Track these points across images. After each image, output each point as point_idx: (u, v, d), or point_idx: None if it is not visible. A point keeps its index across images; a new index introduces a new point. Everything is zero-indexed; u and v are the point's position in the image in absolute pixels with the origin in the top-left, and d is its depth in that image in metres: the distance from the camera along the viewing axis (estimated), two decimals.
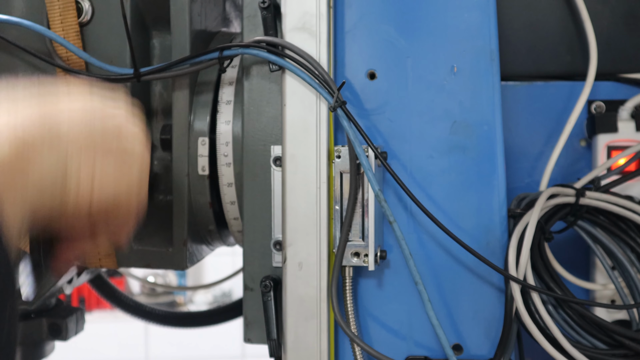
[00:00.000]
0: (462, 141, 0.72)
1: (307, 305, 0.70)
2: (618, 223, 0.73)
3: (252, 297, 0.77)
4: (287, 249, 0.70)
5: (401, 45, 0.73)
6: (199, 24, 0.81)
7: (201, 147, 0.79)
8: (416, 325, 0.72)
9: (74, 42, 0.76)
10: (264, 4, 0.68)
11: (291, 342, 0.71)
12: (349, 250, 0.69)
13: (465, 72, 0.72)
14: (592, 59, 0.79)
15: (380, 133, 0.73)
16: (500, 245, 0.71)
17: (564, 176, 0.82)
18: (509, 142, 0.80)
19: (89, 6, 0.77)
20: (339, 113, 0.66)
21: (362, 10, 0.73)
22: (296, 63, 0.69)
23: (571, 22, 0.83)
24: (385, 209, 0.66)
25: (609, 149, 0.79)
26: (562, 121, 0.80)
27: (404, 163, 0.72)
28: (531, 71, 0.83)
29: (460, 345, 0.72)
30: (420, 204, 0.66)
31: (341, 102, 0.66)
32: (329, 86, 0.67)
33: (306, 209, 0.70)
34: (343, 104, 0.66)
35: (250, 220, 0.76)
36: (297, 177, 0.70)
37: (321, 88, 0.67)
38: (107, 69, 0.75)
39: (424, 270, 0.72)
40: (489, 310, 0.71)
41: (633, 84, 0.81)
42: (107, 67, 0.75)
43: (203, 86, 0.81)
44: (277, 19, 0.71)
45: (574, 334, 0.69)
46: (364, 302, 0.73)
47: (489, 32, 0.72)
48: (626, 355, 0.67)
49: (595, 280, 0.80)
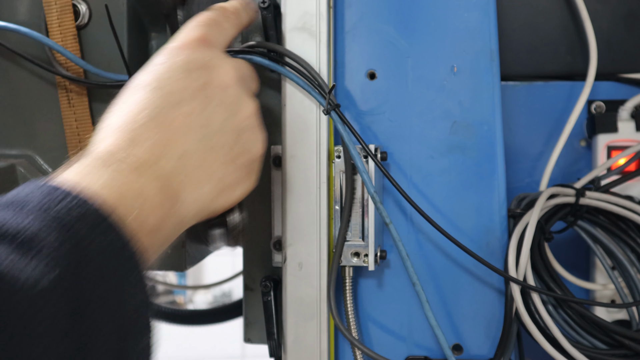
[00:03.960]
0: (462, 141, 0.72)
1: (307, 305, 0.70)
2: (618, 223, 0.73)
3: (252, 297, 0.77)
4: (287, 249, 0.70)
5: (401, 45, 0.73)
6: None
7: None
8: (416, 325, 0.72)
9: (71, 46, 0.76)
10: (264, 4, 0.68)
11: (291, 342, 0.71)
12: (348, 250, 0.69)
13: (465, 72, 0.72)
14: (592, 59, 0.79)
15: (380, 133, 0.73)
16: (500, 245, 0.71)
17: (564, 176, 0.82)
18: (509, 142, 0.80)
19: (86, 9, 0.77)
20: (332, 116, 0.66)
21: (362, 10, 0.73)
22: (290, 67, 0.68)
23: (571, 22, 0.83)
24: (380, 211, 0.66)
25: (609, 149, 0.79)
26: (562, 121, 0.80)
27: (404, 163, 0.72)
28: (531, 71, 0.83)
29: (460, 346, 0.72)
30: (415, 205, 0.66)
31: (334, 105, 0.66)
32: (322, 89, 0.67)
33: (306, 209, 0.70)
34: (336, 107, 0.66)
35: (250, 221, 0.76)
36: (297, 177, 0.70)
37: (314, 91, 0.67)
38: (104, 75, 0.75)
39: (424, 270, 0.72)
40: (489, 310, 0.71)
41: (633, 84, 0.81)
42: (104, 74, 0.75)
43: None
44: (277, 19, 0.71)
45: (574, 334, 0.69)
46: (364, 302, 0.73)
47: (489, 32, 0.72)
48: (626, 355, 0.67)
49: (595, 280, 0.80)
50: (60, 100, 0.77)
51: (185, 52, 0.54)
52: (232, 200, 0.56)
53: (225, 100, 0.55)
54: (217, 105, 0.54)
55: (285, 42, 0.70)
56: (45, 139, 0.79)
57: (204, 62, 0.55)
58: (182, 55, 0.54)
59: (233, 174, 0.55)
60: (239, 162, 0.56)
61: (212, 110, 0.53)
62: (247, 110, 0.57)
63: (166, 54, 0.55)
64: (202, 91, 0.53)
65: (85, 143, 0.50)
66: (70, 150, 0.78)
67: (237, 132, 0.56)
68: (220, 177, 0.54)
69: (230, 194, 0.56)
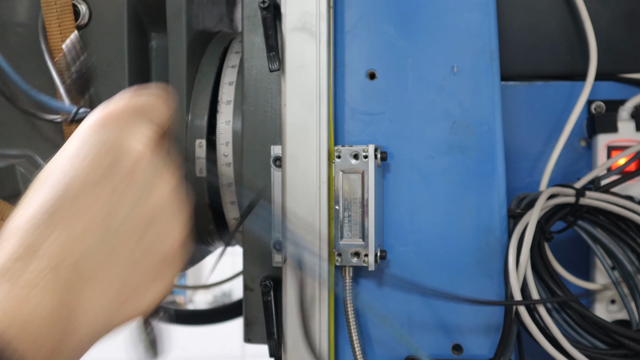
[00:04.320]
0: (462, 141, 0.72)
1: (307, 305, 0.70)
2: (618, 223, 0.73)
3: (252, 297, 0.77)
4: (287, 249, 0.70)
5: (401, 45, 0.73)
6: (197, 25, 0.81)
7: (198, 149, 0.79)
8: (416, 325, 0.72)
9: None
10: (264, 4, 0.68)
11: (291, 342, 0.71)
12: (349, 250, 0.69)
13: (465, 72, 0.72)
14: (592, 59, 0.79)
15: (380, 133, 0.73)
16: (500, 245, 0.71)
17: (564, 176, 0.82)
18: (509, 142, 0.80)
19: (86, 9, 0.77)
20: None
21: (362, 10, 0.73)
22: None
23: (571, 22, 0.83)
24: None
25: (609, 149, 0.79)
26: (562, 121, 0.80)
27: (404, 163, 0.72)
28: (531, 71, 0.83)
29: (460, 345, 0.72)
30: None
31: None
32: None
33: (306, 209, 0.70)
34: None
35: (250, 220, 0.76)
36: (297, 177, 0.70)
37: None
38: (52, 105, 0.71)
39: (424, 269, 0.72)
40: (489, 310, 0.71)
41: (633, 84, 0.81)
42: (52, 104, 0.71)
43: (201, 86, 0.81)
44: (277, 19, 0.71)
45: (574, 334, 0.69)
46: (364, 302, 0.73)
47: (489, 32, 0.72)
48: (626, 355, 0.67)
49: (595, 280, 0.80)
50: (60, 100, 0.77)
51: (101, 130, 0.47)
52: (142, 308, 0.47)
53: (133, 183, 0.46)
54: (123, 191, 0.46)
55: (285, 42, 0.70)
56: (45, 139, 0.79)
57: (118, 144, 0.47)
58: (94, 135, 0.47)
59: (141, 276, 0.46)
60: (149, 259, 0.47)
61: (116, 198, 0.45)
62: (162, 191, 0.48)
63: (80, 133, 0.47)
64: (107, 177, 0.45)
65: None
66: None
67: (148, 221, 0.46)
68: (124, 282, 0.45)
69: (139, 301, 0.47)
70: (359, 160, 0.69)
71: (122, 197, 0.45)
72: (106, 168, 0.45)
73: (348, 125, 0.73)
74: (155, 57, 0.83)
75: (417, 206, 0.72)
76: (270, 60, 0.69)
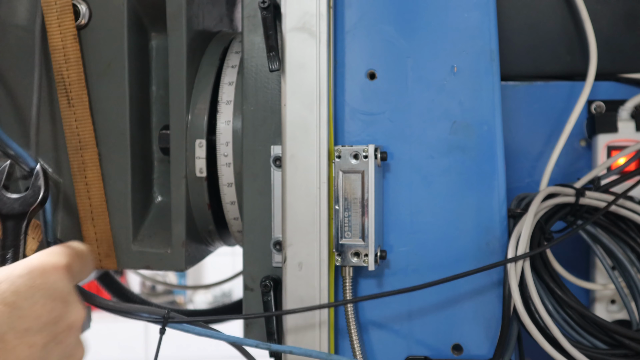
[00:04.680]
0: (462, 141, 0.72)
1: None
2: (618, 223, 0.73)
3: (252, 297, 0.77)
4: (287, 249, 0.70)
5: (401, 45, 0.73)
6: (197, 25, 0.81)
7: (198, 149, 0.79)
8: (416, 325, 0.72)
9: (71, 46, 0.76)
10: (264, 4, 0.68)
11: (291, 342, 0.71)
12: (349, 250, 0.69)
13: (465, 72, 0.72)
14: (592, 59, 0.79)
15: (380, 133, 0.73)
16: (500, 245, 0.71)
17: (564, 176, 0.82)
18: (509, 142, 0.80)
19: (86, 9, 0.76)
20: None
21: (362, 10, 0.73)
22: None
23: (571, 22, 0.83)
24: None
25: (608, 148, 0.79)
26: (562, 121, 0.80)
27: (404, 163, 0.72)
28: (531, 71, 0.83)
29: (460, 345, 0.72)
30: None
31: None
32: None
33: (306, 209, 0.70)
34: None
35: (250, 221, 0.76)
36: (297, 177, 0.70)
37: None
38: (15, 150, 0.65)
39: (424, 269, 0.72)
40: (489, 310, 0.71)
41: (633, 84, 0.81)
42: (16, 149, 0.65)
43: (201, 86, 0.81)
44: (277, 19, 0.71)
45: (574, 334, 0.69)
46: (364, 302, 0.73)
47: (489, 32, 0.72)
48: (626, 355, 0.67)
49: (595, 280, 0.80)
50: (60, 100, 0.77)
51: (51, 277, 0.53)
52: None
53: (66, 340, 0.54)
54: (57, 343, 0.53)
55: (285, 42, 0.70)
56: (45, 139, 0.79)
57: (65, 295, 0.54)
58: (47, 279, 0.53)
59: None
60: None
61: (52, 347, 0.52)
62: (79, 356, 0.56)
63: (28, 270, 0.53)
64: (53, 325, 0.52)
65: (85, 143, 0.48)
66: (70, 150, 0.78)
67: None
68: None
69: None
70: (359, 160, 0.69)
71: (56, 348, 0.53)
72: (56, 316, 0.53)
73: (348, 125, 0.73)
74: (155, 57, 0.83)
75: (417, 206, 0.72)
76: (270, 60, 0.69)
